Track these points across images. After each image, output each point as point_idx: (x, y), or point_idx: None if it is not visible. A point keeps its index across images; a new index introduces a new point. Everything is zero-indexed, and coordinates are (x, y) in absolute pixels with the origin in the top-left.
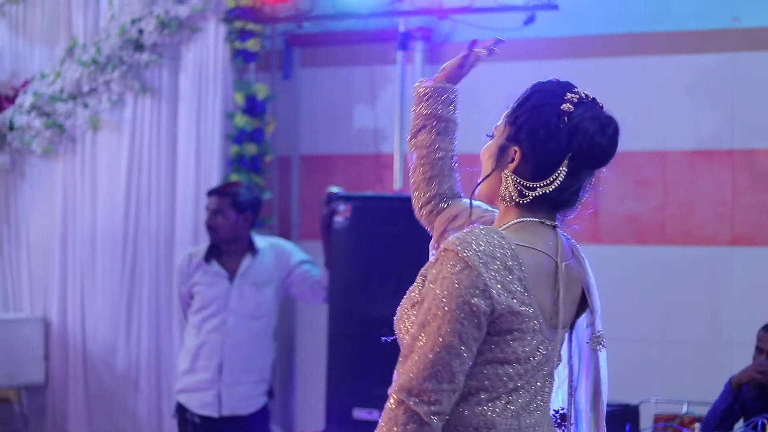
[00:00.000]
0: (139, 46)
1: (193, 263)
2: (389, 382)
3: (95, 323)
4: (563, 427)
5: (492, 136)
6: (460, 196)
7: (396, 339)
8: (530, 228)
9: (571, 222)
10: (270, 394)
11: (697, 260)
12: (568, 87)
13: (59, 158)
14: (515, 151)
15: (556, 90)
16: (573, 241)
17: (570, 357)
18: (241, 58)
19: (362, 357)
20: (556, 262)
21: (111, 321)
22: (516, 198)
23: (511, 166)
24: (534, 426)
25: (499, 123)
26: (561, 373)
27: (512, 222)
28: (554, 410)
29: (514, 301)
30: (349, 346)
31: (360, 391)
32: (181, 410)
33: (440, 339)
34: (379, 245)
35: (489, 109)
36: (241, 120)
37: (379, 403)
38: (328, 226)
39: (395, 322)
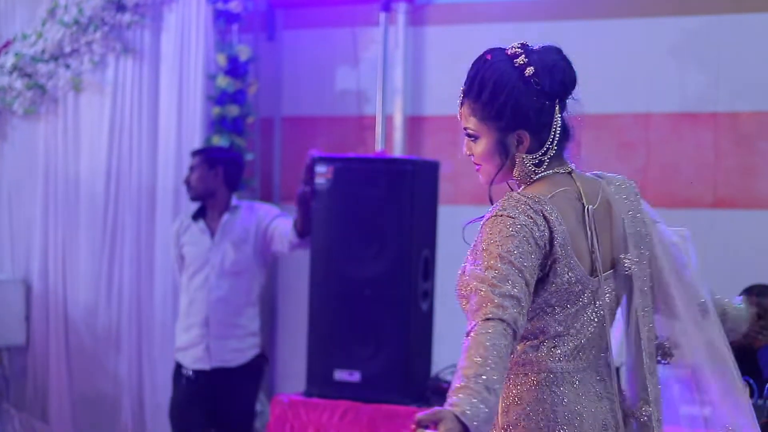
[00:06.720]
0: (121, 7)
1: (183, 226)
2: (370, 343)
3: (76, 284)
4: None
5: (474, 137)
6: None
7: None
8: (550, 180)
9: (575, 154)
10: (263, 357)
11: (680, 222)
12: (501, 49)
13: (41, 119)
14: (520, 135)
15: (499, 55)
16: (600, 174)
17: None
18: (224, 19)
19: (344, 319)
20: (583, 204)
21: (92, 282)
22: (534, 171)
23: (523, 148)
24: (582, 370)
25: (466, 116)
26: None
27: (532, 182)
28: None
29: (557, 235)
30: (330, 308)
31: (341, 352)
32: (177, 367)
33: (498, 256)
34: (361, 207)
35: None
36: (223, 81)
37: (360, 364)
38: (304, 197)
39: (456, 296)
